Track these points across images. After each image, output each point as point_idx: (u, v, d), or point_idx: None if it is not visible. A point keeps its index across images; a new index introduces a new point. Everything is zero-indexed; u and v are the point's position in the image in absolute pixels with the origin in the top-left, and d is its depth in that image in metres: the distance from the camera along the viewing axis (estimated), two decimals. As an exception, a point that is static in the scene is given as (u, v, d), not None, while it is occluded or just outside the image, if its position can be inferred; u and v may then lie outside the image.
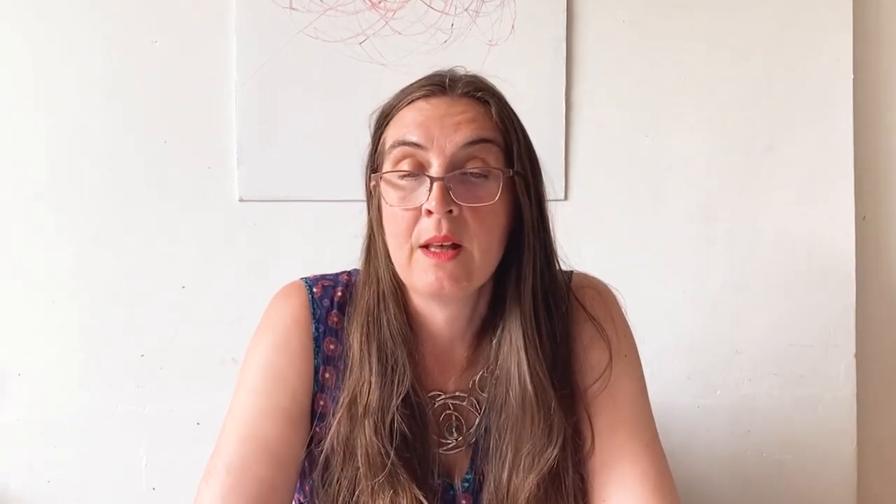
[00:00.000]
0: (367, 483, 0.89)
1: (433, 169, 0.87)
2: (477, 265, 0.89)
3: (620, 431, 0.93)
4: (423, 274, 0.87)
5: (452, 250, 0.87)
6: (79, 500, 1.52)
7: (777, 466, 1.56)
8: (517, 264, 0.94)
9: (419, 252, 0.87)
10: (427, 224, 0.86)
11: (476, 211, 0.88)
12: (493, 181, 0.89)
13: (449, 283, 0.87)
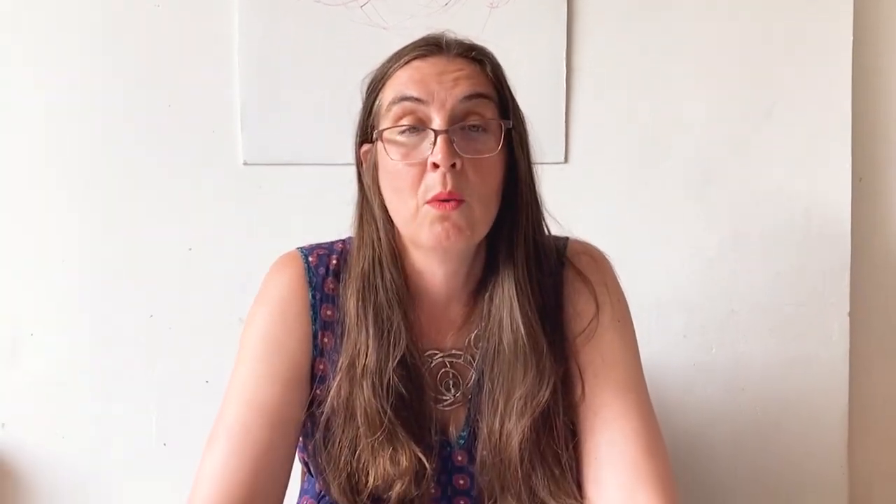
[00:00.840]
0: (367, 441, 0.90)
1: (435, 123, 0.88)
2: (478, 217, 0.89)
3: (612, 391, 0.94)
4: (428, 227, 0.88)
5: (456, 202, 0.87)
6: (92, 455, 1.54)
7: (770, 423, 1.57)
8: (511, 218, 0.95)
9: (425, 207, 0.88)
10: (432, 179, 0.87)
11: (477, 164, 0.89)
12: (491, 135, 0.91)
13: (454, 234, 0.87)
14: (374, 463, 0.90)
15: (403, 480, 0.90)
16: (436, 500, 0.98)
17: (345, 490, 0.93)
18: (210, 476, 0.90)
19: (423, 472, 0.91)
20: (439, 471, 0.97)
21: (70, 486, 1.54)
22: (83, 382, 1.53)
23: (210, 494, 0.89)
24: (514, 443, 0.91)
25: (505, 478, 0.93)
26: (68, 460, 1.54)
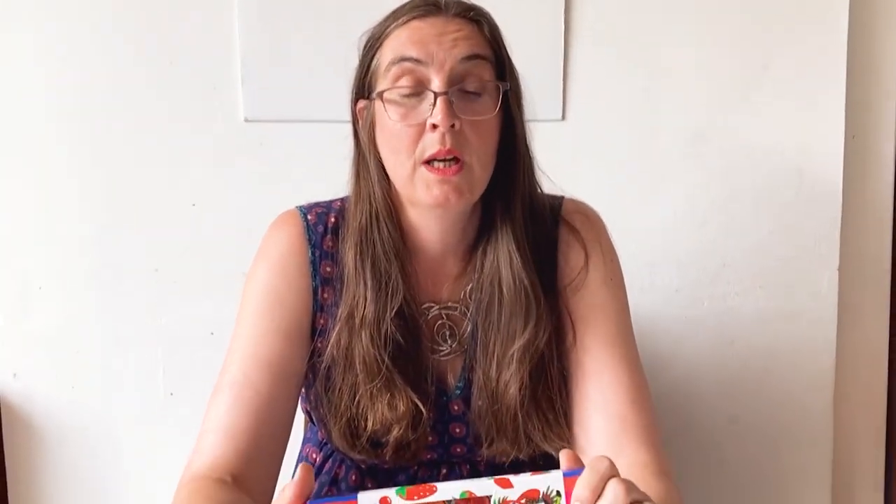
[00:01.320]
0: (366, 388, 0.93)
1: (434, 84, 0.88)
2: (477, 178, 0.90)
3: (602, 345, 0.96)
4: (427, 189, 0.89)
5: (455, 164, 0.88)
6: (102, 404, 1.57)
7: (758, 375, 1.59)
8: (508, 177, 0.95)
9: (422, 168, 0.89)
10: (431, 139, 0.87)
11: (476, 125, 0.89)
12: (489, 96, 0.91)
13: (454, 196, 0.88)
14: (373, 408, 0.93)
15: (401, 425, 0.93)
16: (433, 447, 1.00)
17: (345, 435, 0.95)
18: (215, 427, 0.92)
19: (420, 417, 0.93)
20: (436, 419, 0.99)
21: (81, 433, 1.57)
22: (91, 334, 1.55)
23: (215, 444, 0.91)
24: (511, 391, 0.93)
25: (500, 424, 0.95)
26: (79, 409, 1.57)
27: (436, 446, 1.00)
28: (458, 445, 1.01)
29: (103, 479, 1.59)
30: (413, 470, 1.02)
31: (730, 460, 1.62)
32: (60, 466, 1.58)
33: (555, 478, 0.66)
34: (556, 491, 0.65)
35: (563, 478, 0.66)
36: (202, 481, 0.88)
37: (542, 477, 0.66)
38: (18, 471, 1.58)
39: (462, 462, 1.02)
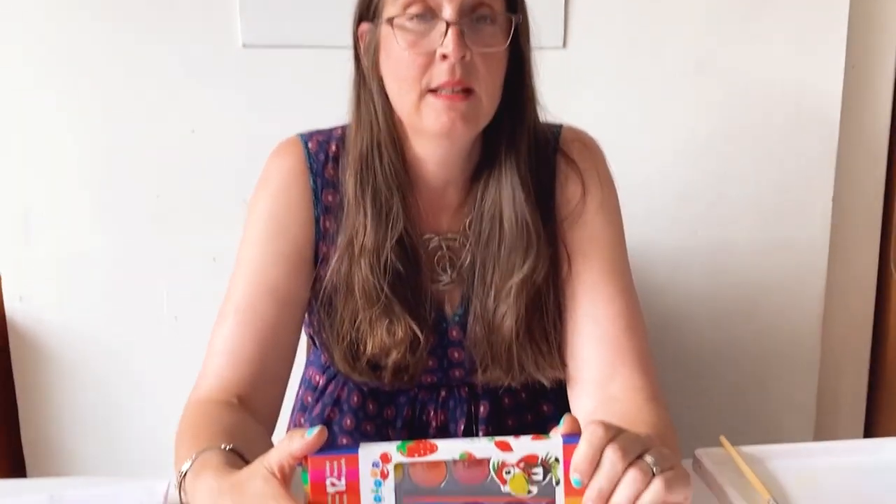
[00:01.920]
0: (365, 314, 0.93)
1: (446, 13, 0.85)
2: (484, 108, 0.89)
3: (598, 274, 0.95)
4: (434, 116, 0.87)
5: (463, 93, 0.86)
6: (108, 328, 1.58)
7: (749, 303, 1.61)
8: (513, 108, 0.94)
9: (429, 96, 0.87)
10: (440, 69, 0.85)
11: (485, 57, 0.87)
12: (499, 28, 0.89)
13: (461, 124, 0.87)
14: (372, 334, 0.93)
15: (399, 350, 0.93)
16: (433, 371, 1.02)
17: (346, 357, 0.96)
18: (221, 351, 0.93)
19: (418, 343, 0.94)
20: (436, 344, 1.00)
21: (88, 356, 1.59)
22: (95, 259, 1.55)
23: (221, 367, 0.92)
24: (507, 323, 0.94)
25: (495, 353, 0.96)
26: (85, 333, 1.58)
27: (435, 370, 1.02)
28: (456, 369, 1.02)
29: (111, 401, 1.62)
30: (413, 392, 1.04)
31: (718, 387, 1.65)
32: (69, 388, 1.60)
33: (555, 444, 0.65)
34: (554, 457, 0.65)
35: (563, 445, 0.65)
36: (209, 403, 0.89)
37: (543, 443, 0.65)
38: (28, 392, 1.61)
39: (460, 385, 1.04)
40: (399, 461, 0.65)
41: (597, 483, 0.64)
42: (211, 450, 0.77)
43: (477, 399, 1.04)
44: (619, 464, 0.64)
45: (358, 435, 1.05)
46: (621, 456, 0.64)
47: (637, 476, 0.64)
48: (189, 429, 0.85)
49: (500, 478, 0.65)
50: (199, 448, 0.77)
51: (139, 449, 1.63)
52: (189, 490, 0.76)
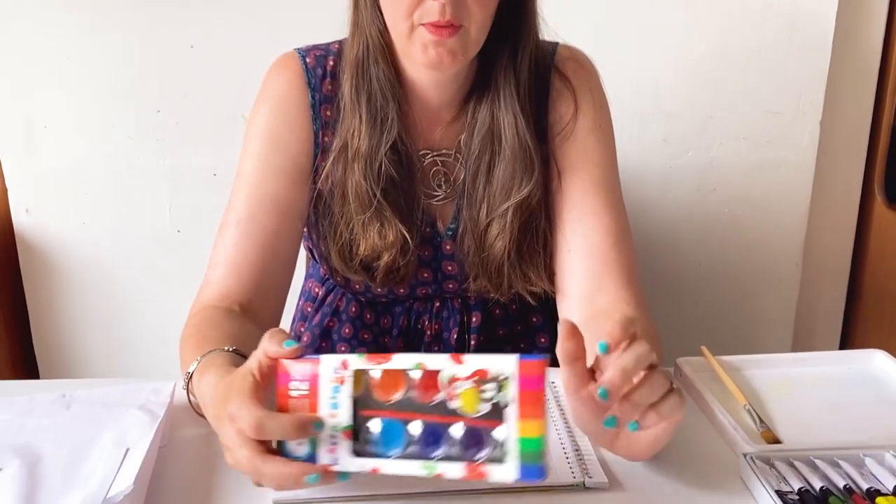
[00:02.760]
0: (358, 218, 0.94)
1: None
2: (473, 40, 0.87)
3: (588, 190, 0.95)
4: (422, 49, 0.85)
5: (452, 28, 0.84)
6: (112, 240, 1.59)
7: (736, 221, 1.62)
8: (516, 35, 0.92)
9: (420, 28, 0.85)
10: (430, 6, 0.83)
11: None
12: None
13: (448, 58, 0.86)
14: (364, 236, 0.94)
15: (390, 252, 0.94)
16: (427, 283, 1.03)
17: (342, 255, 0.97)
18: (223, 261, 0.94)
19: (408, 247, 0.95)
20: (430, 258, 1.01)
21: (95, 267, 1.60)
22: (98, 173, 1.55)
23: (224, 276, 0.93)
24: (499, 244, 0.95)
25: (486, 270, 0.97)
26: (91, 244, 1.59)
27: (430, 283, 1.03)
28: (450, 282, 1.03)
29: (118, 309, 1.63)
30: (409, 303, 1.06)
31: (702, 301, 1.67)
32: (77, 297, 1.62)
33: (508, 362, 0.60)
34: (505, 376, 0.60)
35: (518, 361, 0.60)
36: (213, 310, 0.90)
37: (495, 359, 0.61)
38: (38, 301, 1.62)
39: (454, 297, 1.05)
40: (357, 367, 0.64)
41: (621, 363, 0.61)
42: (215, 351, 0.78)
43: (469, 310, 1.06)
44: (645, 357, 0.62)
45: (356, 343, 1.07)
46: (648, 350, 0.62)
47: (660, 380, 0.63)
48: (194, 334, 0.86)
49: (450, 395, 0.62)
50: (204, 351, 0.79)
51: (146, 353, 1.65)
52: (195, 390, 0.78)
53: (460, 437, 0.62)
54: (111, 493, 0.67)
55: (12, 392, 0.87)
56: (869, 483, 0.70)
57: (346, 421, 0.64)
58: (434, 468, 0.62)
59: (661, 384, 0.63)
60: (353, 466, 0.64)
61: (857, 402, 0.88)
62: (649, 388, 0.62)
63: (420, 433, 0.63)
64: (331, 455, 0.64)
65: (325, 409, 0.65)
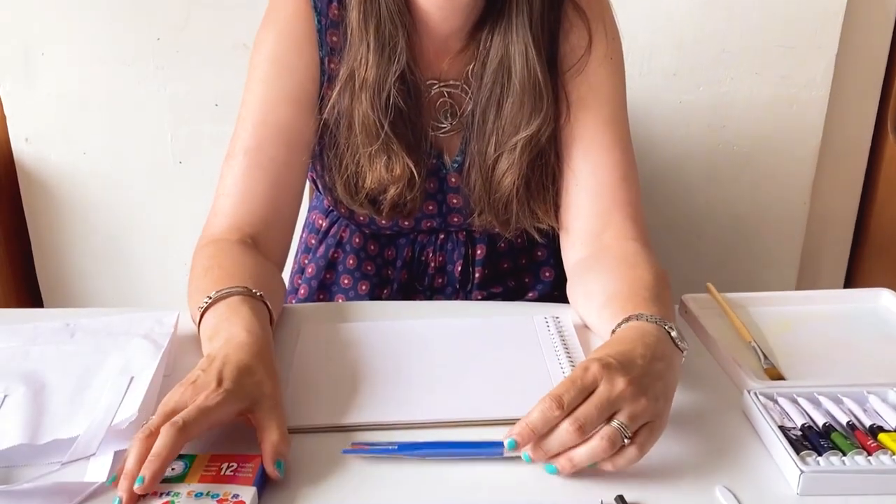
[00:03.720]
0: (364, 150, 0.92)
1: None
2: None
3: (597, 125, 0.94)
4: None
5: None
6: (113, 171, 1.58)
7: (745, 159, 1.60)
8: None
9: None
10: None
11: None
12: None
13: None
14: (371, 169, 0.93)
15: (396, 186, 0.93)
16: (432, 216, 1.02)
17: (348, 189, 0.96)
18: (232, 191, 0.92)
19: (415, 181, 0.93)
20: (436, 190, 1.00)
21: (97, 197, 1.59)
22: (99, 102, 1.52)
23: (233, 206, 0.91)
24: (507, 180, 0.93)
25: (492, 206, 0.96)
26: (92, 175, 1.58)
27: (434, 215, 1.02)
28: (455, 215, 1.02)
29: (120, 240, 1.63)
30: (413, 235, 1.05)
31: (707, 238, 1.66)
32: (79, 227, 1.62)
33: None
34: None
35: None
36: (224, 242, 0.89)
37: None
38: (40, 230, 1.62)
39: (458, 230, 1.04)
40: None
41: (528, 419, 0.63)
42: (244, 294, 0.78)
43: (474, 242, 1.05)
44: (571, 436, 0.62)
45: (359, 275, 1.07)
46: (576, 430, 0.62)
47: (601, 445, 0.62)
48: (213, 267, 0.84)
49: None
50: (225, 285, 0.78)
51: (149, 283, 1.66)
52: (217, 319, 0.76)
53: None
54: (116, 421, 0.68)
55: (16, 320, 0.87)
56: (872, 420, 0.70)
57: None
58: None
59: (600, 449, 0.62)
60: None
61: (861, 339, 0.87)
62: (559, 439, 0.62)
63: None
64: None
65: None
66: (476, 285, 1.06)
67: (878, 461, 0.65)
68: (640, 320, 0.73)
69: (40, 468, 0.66)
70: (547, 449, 0.63)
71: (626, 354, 0.67)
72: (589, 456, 0.62)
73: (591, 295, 0.86)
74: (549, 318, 0.89)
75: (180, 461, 0.64)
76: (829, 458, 0.65)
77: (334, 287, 1.09)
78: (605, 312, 0.80)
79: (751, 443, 0.70)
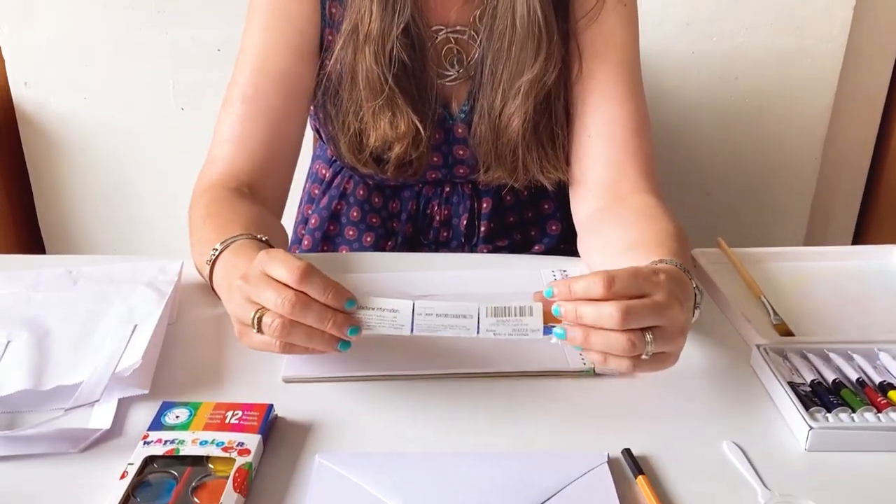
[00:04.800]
0: (368, 106, 0.90)
1: None
2: None
3: (611, 73, 0.91)
4: None
5: None
6: (114, 117, 1.56)
7: (757, 112, 1.57)
8: None
9: None
10: None
11: None
12: None
13: None
14: (375, 125, 0.91)
15: (402, 143, 0.91)
16: (437, 167, 1.00)
17: (351, 148, 0.95)
18: (229, 137, 0.91)
19: (421, 138, 0.92)
20: (441, 140, 0.98)
21: (97, 144, 1.58)
22: (99, 47, 1.50)
23: (230, 153, 0.90)
24: (514, 124, 0.91)
25: (500, 154, 0.94)
26: (92, 120, 1.56)
27: (440, 167, 1.00)
28: (461, 167, 1.00)
29: (122, 186, 1.62)
30: (418, 187, 1.03)
31: (716, 192, 1.65)
32: (80, 173, 1.60)
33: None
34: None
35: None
36: (222, 191, 0.87)
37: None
38: (41, 176, 1.61)
39: (464, 183, 1.03)
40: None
41: (572, 284, 0.61)
42: (248, 238, 0.76)
43: (480, 196, 1.04)
44: (615, 318, 0.60)
45: (363, 227, 1.06)
46: (620, 317, 0.60)
47: (621, 341, 0.60)
48: (213, 215, 0.83)
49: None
50: (230, 233, 0.77)
51: (151, 231, 1.65)
52: (226, 269, 0.74)
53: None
54: (119, 368, 0.68)
55: (18, 266, 0.86)
56: (882, 377, 0.70)
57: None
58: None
59: (621, 345, 0.60)
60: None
61: (872, 296, 0.87)
62: (596, 314, 0.60)
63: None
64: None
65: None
66: (482, 239, 1.05)
67: (888, 418, 0.64)
68: (668, 264, 0.70)
69: (44, 414, 0.65)
70: (580, 314, 0.61)
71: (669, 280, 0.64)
72: (605, 344, 0.60)
73: (610, 244, 0.84)
74: (557, 272, 0.88)
75: (185, 408, 0.64)
76: (839, 414, 0.65)
77: (338, 239, 1.08)
78: (626, 258, 0.77)
79: (759, 399, 0.69)
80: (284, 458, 0.61)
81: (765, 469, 0.61)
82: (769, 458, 0.62)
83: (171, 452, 0.59)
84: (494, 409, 0.67)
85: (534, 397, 0.69)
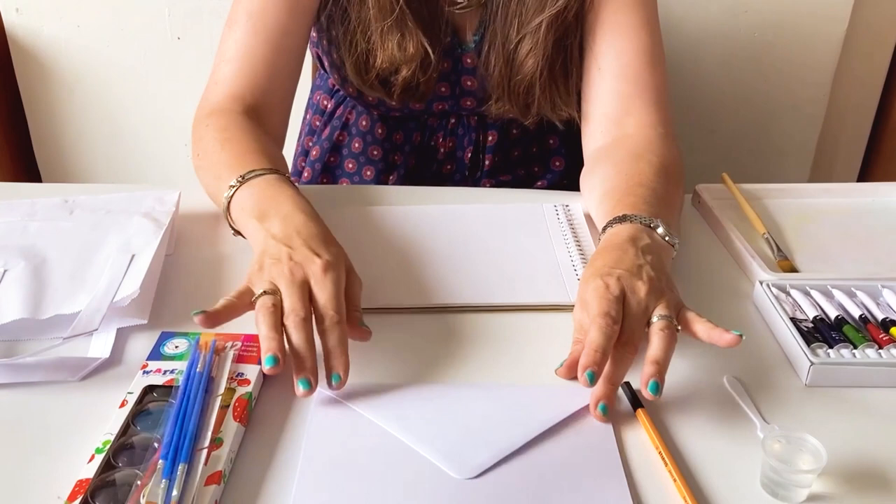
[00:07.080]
0: (377, 26, 0.87)
1: None
2: None
3: (624, 4, 0.88)
4: None
5: None
6: (108, 45, 1.52)
7: (766, 46, 1.53)
8: None
9: None
10: None
11: None
12: None
13: None
14: (383, 46, 0.88)
15: (409, 66, 0.89)
16: (444, 98, 0.98)
17: (358, 69, 0.92)
18: (233, 56, 0.88)
19: (429, 62, 0.90)
20: (449, 70, 0.95)
21: (92, 72, 1.55)
22: (91, -29, 1.45)
23: (234, 73, 0.87)
24: (531, 62, 0.89)
25: (512, 90, 0.92)
26: (86, 49, 1.52)
27: (447, 97, 0.98)
28: (468, 98, 0.98)
29: (117, 116, 1.60)
30: (423, 118, 1.01)
31: (721, 127, 1.62)
32: (76, 102, 1.58)
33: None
34: None
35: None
36: (233, 114, 0.85)
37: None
38: (35, 105, 1.58)
39: (471, 115, 1.01)
40: None
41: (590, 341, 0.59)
42: (276, 174, 0.75)
43: (486, 128, 1.02)
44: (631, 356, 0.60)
45: (364, 160, 1.04)
46: (631, 351, 0.60)
47: (664, 337, 0.60)
48: (230, 140, 0.80)
49: None
50: (250, 161, 0.75)
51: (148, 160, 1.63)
52: (253, 204, 0.72)
53: None
54: (117, 297, 0.67)
55: (13, 195, 0.85)
56: (885, 313, 0.69)
57: None
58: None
59: (630, 359, 0.60)
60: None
61: (877, 234, 0.86)
62: (624, 366, 0.60)
63: None
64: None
65: None
66: (485, 173, 1.04)
67: (889, 354, 0.64)
68: (626, 222, 0.70)
69: (42, 343, 0.65)
70: (616, 380, 0.60)
71: (623, 260, 0.65)
72: (665, 353, 0.59)
73: (594, 187, 0.83)
74: (559, 207, 0.87)
75: (184, 339, 0.64)
76: (840, 350, 0.65)
77: (338, 171, 1.06)
78: (601, 209, 0.78)
79: (761, 334, 0.69)
80: (284, 388, 0.61)
81: (764, 403, 0.61)
82: (769, 393, 0.62)
83: (170, 382, 0.59)
84: (494, 343, 0.67)
85: (535, 331, 0.69)
